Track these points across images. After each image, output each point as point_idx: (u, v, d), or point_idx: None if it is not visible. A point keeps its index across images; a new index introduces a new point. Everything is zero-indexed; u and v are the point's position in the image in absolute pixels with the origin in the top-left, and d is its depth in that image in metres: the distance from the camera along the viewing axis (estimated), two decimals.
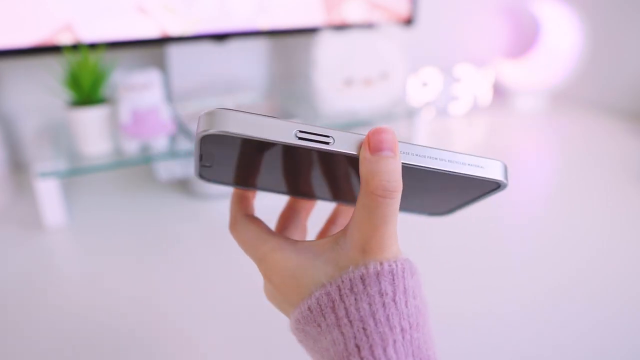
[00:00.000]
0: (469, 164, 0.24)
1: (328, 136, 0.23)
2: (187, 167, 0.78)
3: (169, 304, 0.55)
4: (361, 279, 0.23)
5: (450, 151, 0.24)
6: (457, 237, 0.69)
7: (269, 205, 0.36)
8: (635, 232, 0.70)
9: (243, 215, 0.29)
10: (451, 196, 0.30)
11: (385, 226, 0.23)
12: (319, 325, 0.24)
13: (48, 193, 0.68)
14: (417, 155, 0.24)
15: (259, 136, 0.22)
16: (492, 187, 0.26)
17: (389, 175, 0.22)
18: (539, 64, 1.24)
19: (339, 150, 0.23)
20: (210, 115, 0.23)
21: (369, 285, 0.23)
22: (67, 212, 0.73)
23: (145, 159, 0.75)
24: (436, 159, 0.24)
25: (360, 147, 0.23)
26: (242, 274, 0.59)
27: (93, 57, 0.71)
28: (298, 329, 0.26)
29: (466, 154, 0.24)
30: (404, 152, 0.24)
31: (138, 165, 0.88)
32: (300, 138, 0.23)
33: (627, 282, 0.59)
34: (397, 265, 0.23)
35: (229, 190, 0.79)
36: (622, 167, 0.92)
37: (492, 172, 0.25)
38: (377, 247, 0.23)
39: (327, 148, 0.23)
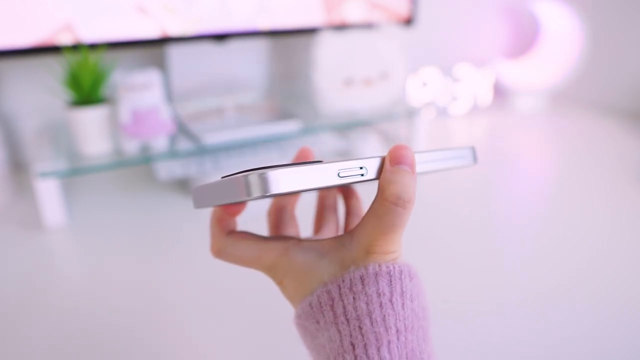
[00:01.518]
0: (454, 158, 0.28)
1: (362, 167, 0.24)
2: (187, 167, 0.78)
3: (168, 304, 0.55)
4: (360, 278, 0.24)
5: (437, 151, 0.27)
6: (457, 236, 0.69)
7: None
8: (635, 232, 0.70)
9: (226, 236, 0.29)
10: None
11: (392, 233, 0.24)
12: (318, 322, 0.25)
13: (48, 193, 0.68)
14: (420, 163, 0.26)
15: (307, 187, 0.23)
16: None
17: (405, 188, 0.24)
18: (539, 64, 1.24)
19: (373, 178, 0.25)
20: (259, 178, 0.22)
21: (367, 285, 0.23)
22: (67, 212, 0.73)
23: (145, 159, 0.75)
24: (433, 161, 0.27)
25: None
26: (242, 273, 0.59)
27: (93, 57, 0.71)
28: (298, 324, 0.26)
29: (447, 150, 0.28)
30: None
31: (138, 165, 0.88)
32: (341, 176, 0.24)
33: (627, 282, 0.59)
34: (394, 268, 0.24)
35: None
36: (622, 167, 0.92)
37: (468, 159, 0.29)
38: (380, 251, 0.24)
39: (364, 179, 0.25)
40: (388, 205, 0.24)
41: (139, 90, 0.72)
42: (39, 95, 0.83)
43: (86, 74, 0.70)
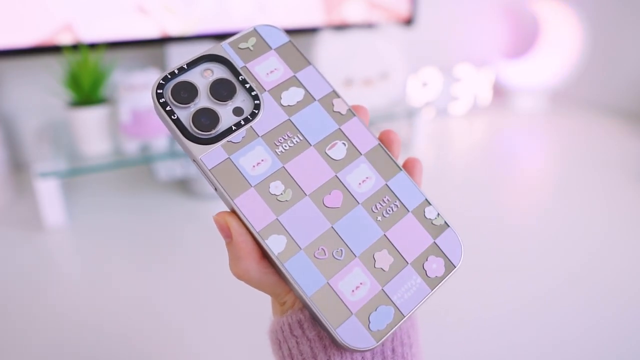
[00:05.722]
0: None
1: (216, 189, 0.23)
2: (187, 167, 0.78)
3: (168, 304, 0.55)
4: (299, 323, 0.23)
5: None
6: None
7: None
8: (635, 232, 0.70)
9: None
10: None
11: (265, 292, 0.24)
12: (274, 356, 0.25)
13: (48, 193, 0.68)
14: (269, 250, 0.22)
15: (175, 140, 0.24)
16: None
17: (229, 260, 0.23)
18: (539, 64, 1.24)
19: (221, 199, 0.24)
20: (152, 89, 0.24)
21: (307, 329, 0.23)
22: (67, 213, 0.73)
23: (145, 159, 0.75)
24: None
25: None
26: None
27: (93, 57, 0.71)
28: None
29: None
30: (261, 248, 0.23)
31: (138, 165, 0.88)
32: (196, 167, 0.23)
33: (627, 282, 0.59)
34: None
35: None
36: (622, 167, 0.92)
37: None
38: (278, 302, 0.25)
39: (214, 192, 0.24)
40: None
41: (139, 90, 0.72)
42: (39, 95, 0.83)
43: (86, 74, 0.70)
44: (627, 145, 1.03)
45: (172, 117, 0.23)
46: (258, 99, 0.24)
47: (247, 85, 0.25)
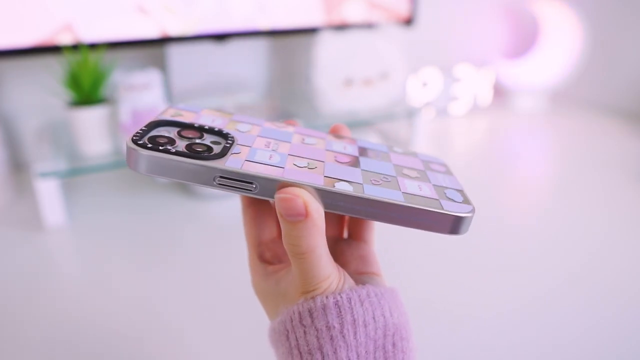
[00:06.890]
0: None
1: (251, 183, 0.23)
2: None
3: (168, 305, 0.55)
4: (309, 312, 0.24)
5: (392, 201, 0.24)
6: (455, 237, 0.69)
7: None
8: (634, 232, 0.70)
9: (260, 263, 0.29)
10: None
11: (304, 275, 0.24)
12: (278, 348, 0.25)
13: (48, 193, 0.68)
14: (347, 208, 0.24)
15: (181, 180, 0.23)
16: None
17: (294, 240, 0.23)
18: (539, 64, 1.24)
19: (263, 197, 0.23)
20: (127, 150, 0.23)
21: (316, 319, 0.23)
22: (67, 213, 0.73)
23: None
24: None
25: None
26: (242, 274, 0.59)
27: (93, 57, 0.71)
28: (270, 342, 0.27)
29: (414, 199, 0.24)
30: (330, 203, 0.23)
31: None
32: (219, 184, 0.23)
33: (627, 282, 0.59)
34: (342, 297, 0.24)
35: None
36: (622, 167, 0.92)
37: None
38: (307, 289, 0.24)
39: (254, 195, 0.23)
40: (290, 255, 0.24)
41: (139, 90, 0.72)
42: (39, 95, 0.83)
43: (86, 74, 0.70)
44: (627, 145, 1.03)
45: (171, 151, 0.22)
46: (225, 131, 0.26)
47: (207, 127, 0.26)
